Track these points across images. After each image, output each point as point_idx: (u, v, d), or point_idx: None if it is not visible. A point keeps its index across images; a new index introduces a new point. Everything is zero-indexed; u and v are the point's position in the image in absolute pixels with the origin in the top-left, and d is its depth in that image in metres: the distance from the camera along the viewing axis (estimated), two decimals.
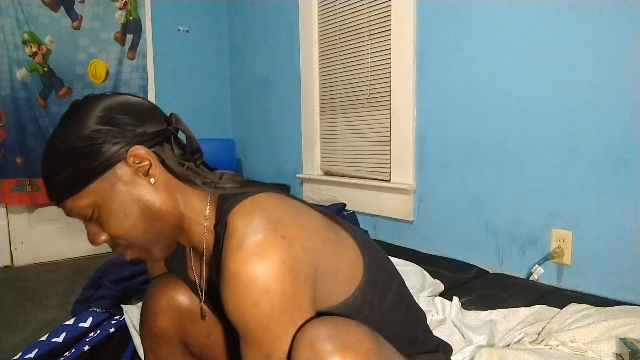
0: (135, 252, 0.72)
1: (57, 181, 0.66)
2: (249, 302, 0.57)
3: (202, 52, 3.33)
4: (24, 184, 2.69)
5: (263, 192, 0.68)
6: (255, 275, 0.57)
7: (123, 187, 0.67)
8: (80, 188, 0.66)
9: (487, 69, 1.72)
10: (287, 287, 0.58)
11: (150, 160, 0.67)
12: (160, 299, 0.87)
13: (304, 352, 0.55)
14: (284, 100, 2.88)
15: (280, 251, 0.58)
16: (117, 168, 0.66)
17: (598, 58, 1.42)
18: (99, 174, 0.65)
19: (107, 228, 0.68)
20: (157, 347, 0.90)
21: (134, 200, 0.67)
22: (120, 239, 0.69)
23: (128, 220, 0.67)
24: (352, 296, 0.70)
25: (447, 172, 1.90)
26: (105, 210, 0.67)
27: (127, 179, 0.67)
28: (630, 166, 1.37)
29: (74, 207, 0.67)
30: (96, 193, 0.66)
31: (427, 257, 1.81)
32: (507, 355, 0.97)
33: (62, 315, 1.93)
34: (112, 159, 0.65)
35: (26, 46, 2.67)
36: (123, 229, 0.68)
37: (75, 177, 0.65)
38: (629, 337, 0.99)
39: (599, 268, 1.46)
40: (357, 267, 0.71)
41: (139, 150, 0.66)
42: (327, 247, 0.66)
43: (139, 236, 0.69)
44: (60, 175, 0.65)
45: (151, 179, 0.68)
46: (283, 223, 0.61)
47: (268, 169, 3.08)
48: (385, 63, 2.12)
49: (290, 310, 0.58)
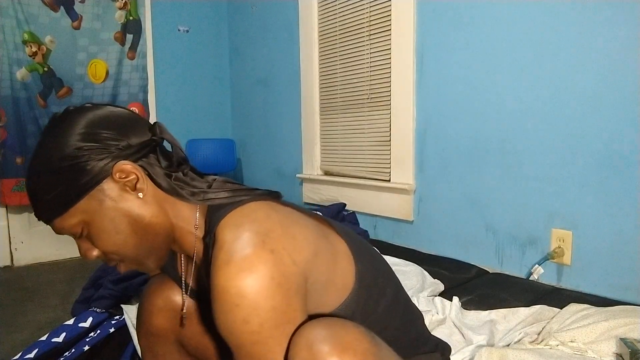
0: (128, 265, 0.71)
1: (43, 202, 0.65)
2: (238, 318, 0.56)
3: (202, 52, 3.33)
4: (24, 184, 2.69)
5: (253, 202, 0.66)
6: (244, 291, 0.56)
7: (111, 204, 0.65)
8: (67, 208, 0.65)
9: (487, 69, 1.72)
10: (277, 303, 0.57)
11: (136, 174, 0.66)
12: (156, 298, 0.87)
13: (301, 352, 0.55)
14: (284, 100, 2.88)
15: (269, 266, 0.57)
16: (104, 184, 0.65)
17: (598, 58, 1.42)
18: (86, 192, 0.64)
19: (98, 245, 0.68)
20: (154, 346, 0.90)
21: (123, 216, 0.66)
22: (113, 254, 0.69)
23: (119, 236, 0.67)
24: (343, 304, 0.69)
25: (447, 172, 1.90)
26: (95, 228, 0.66)
27: (114, 195, 0.65)
28: (630, 166, 1.37)
29: (63, 226, 0.66)
30: (84, 211, 0.65)
31: (427, 257, 1.81)
32: (507, 355, 0.97)
33: (62, 315, 1.93)
34: (98, 175, 0.64)
35: (26, 46, 2.67)
36: (115, 245, 0.67)
37: (61, 197, 0.64)
38: (629, 337, 0.99)
39: (599, 268, 1.46)
40: (349, 275, 0.70)
41: (124, 165, 0.65)
42: (320, 257, 0.65)
43: (131, 250, 0.69)
44: (46, 196, 0.64)
45: (139, 193, 0.66)
46: (272, 235, 0.60)
47: (268, 169, 3.08)
48: (385, 63, 2.12)
49: (283, 325, 0.57)
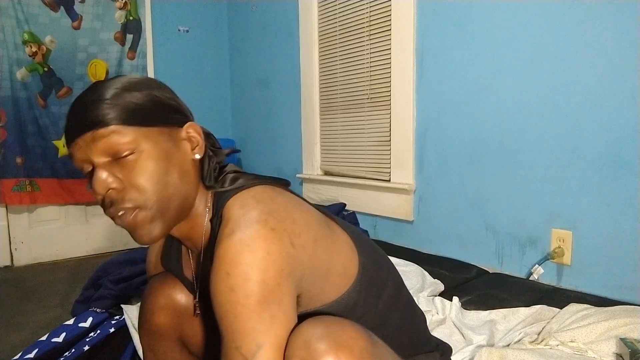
0: (139, 216, 0.65)
1: (123, 103, 0.62)
2: (227, 287, 0.57)
3: (202, 52, 3.33)
4: (24, 184, 2.69)
5: (259, 186, 0.69)
6: (238, 261, 0.57)
7: (173, 148, 0.67)
8: (141, 123, 0.63)
9: (487, 68, 1.72)
10: (268, 278, 0.57)
11: (201, 140, 0.70)
12: (158, 297, 0.87)
13: (298, 351, 0.55)
14: (284, 100, 2.88)
15: (268, 242, 0.58)
16: (175, 130, 0.68)
17: (598, 58, 1.42)
18: (164, 123, 0.66)
19: (135, 174, 0.63)
20: (155, 345, 0.90)
21: (175, 165, 0.67)
22: (139, 193, 0.64)
23: (163, 176, 0.65)
24: (345, 294, 0.69)
25: (447, 172, 1.90)
26: (145, 158, 0.64)
27: (178, 143, 0.68)
28: (630, 166, 1.37)
29: (111, 139, 0.62)
30: (147, 137, 0.64)
31: (427, 257, 1.81)
32: (507, 355, 0.97)
33: (62, 315, 1.93)
34: (177, 119, 0.69)
35: (26, 46, 2.67)
36: (150, 182, 0.64)
37: (142, 112, 0.64)
38: (629, 337, 0.99)
39: (599, 268, 1.46)
40: (352, 265, 0.71)
41: (197, 127, 0.71)
42: (320, 244, 0.65)
43: (160, 197, 0.65)
44: (129, 100, 0.63)
45: (196, 155, 0.70)
46: (275, 216, 0.62)
47: (268, 169, 3.08)
48: (385, 63, 2.12)
49: (268, 302, 0.57)
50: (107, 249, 3.03)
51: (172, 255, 0.86)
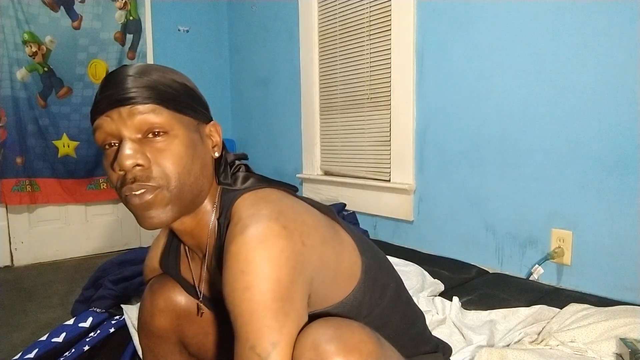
0: (159, 196, 0.64)
1: (165, 86, 0.65)
2: (242, 285, 0.57)
3: (202, 52, 3.33)
4: (24, 184, 2.68)
5: (267, 188, 0.70)
6: (252, 258, 0.57)
7: (199, 140, 0.69)
8: (179, 109, 0.66)
9: (487, 69, 1.72)
10: (282, 275, 0.57)
11: (220, 140, 0.74)
12: (157, 299, 0.86)
13: (307, 352, 0.55)
14: (284, 100, 2.88)
15: (281, 239, 0.58)
16: (202, 125, 0.71)
17: (598, 58, 1.42)
18: (195, 115, 0.69)
19: (166, 157, 0.64)
20: (155, 347, 0.89)
21: (199, 157, 0.69)
22: (164, 174, 0.64)
23: (188, 164, 0.66)
24: (351, 295, 0.70)
25: (447, 172, 1.90)
26: (179, 141, 0.65)
27: (203, 138, 0.71)
28: (630, 166, 1.37)
29: (149, 117, 0.63)
30: (181, 123, 0.66)
31: (427, 257, 1.81)
32: (507, 355, 0.97)
33: (62, 315, 1.93)
34: (205, 115, 0.72)
35: (26, 46, 2.67)
36: (176, 165, 0.65)
37: (183, 99, 0.67)
38: (629, 337, 0.99)
39: (599, 268, 1.46)
40: (356, 267, 0.71)
41: (219, 127, 0.74)
42: (327, 245, 0.66)
43: (182, 183, 0.65)
44: (171, 85, 0.66)
45: (215, 152, 0.73)
46: (285, 215, 0.62)
47: (268, 169, 3.08)
48: (385, 63, 2.12)
49: (283, 300, 0.57)
50: (107, 249, 3.03)
51: (170, 256, 0.86)
